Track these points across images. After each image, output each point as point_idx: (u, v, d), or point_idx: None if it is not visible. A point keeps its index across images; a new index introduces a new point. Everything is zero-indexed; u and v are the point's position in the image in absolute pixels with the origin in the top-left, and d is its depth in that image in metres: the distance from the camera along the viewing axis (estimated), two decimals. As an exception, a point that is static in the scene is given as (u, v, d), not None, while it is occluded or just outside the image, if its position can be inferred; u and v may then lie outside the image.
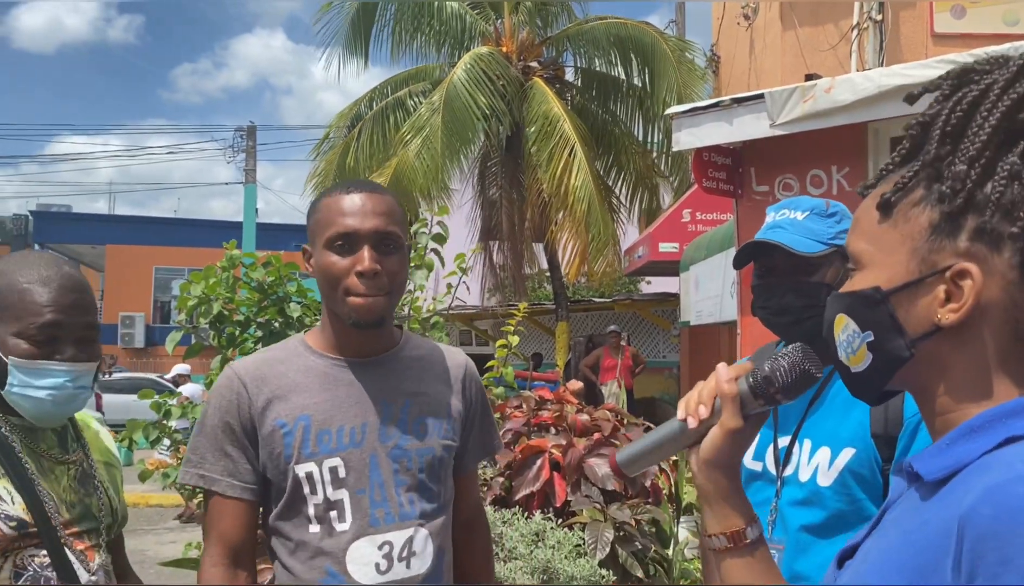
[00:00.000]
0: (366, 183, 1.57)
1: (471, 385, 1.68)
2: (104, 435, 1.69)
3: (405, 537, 1.49)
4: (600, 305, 14.19)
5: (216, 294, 3.62)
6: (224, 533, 1.50)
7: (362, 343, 1.56)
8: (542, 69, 11.29)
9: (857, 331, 0.82)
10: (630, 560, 2.90)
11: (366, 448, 1.50)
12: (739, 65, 10.95)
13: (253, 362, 1.57)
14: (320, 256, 1.50)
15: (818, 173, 5.71)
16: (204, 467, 1.51)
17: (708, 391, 0.94)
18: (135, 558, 6.73)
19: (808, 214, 1.70)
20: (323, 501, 1.47)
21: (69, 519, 1.47)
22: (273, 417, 1.49)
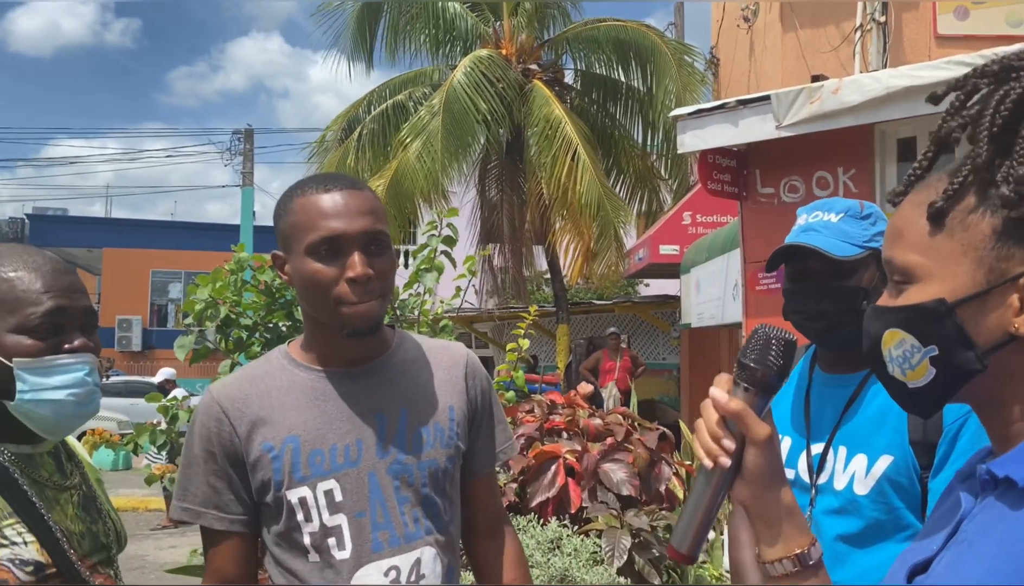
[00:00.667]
0: (343, 178, 1.42)
1: (474, 381, 1.53)
2: (80, 448, 1.52)
3: (412, 560, 1.37)
4: (600, 307, 14.16)
5: (223, 297, 3.58)
6: (217, 567, 1.41)
7: (352, 352, 1.42)
8: (542, 72, 11.26)
9: (917, 346, 0.79)
10: (647, 567, 2.86)
11: (363, 466, 1.37)
12: (739, 67, 10.93)
13: (233, 382, 1.43)
14: (300, 264, 1.35)
15: (824, 175, 5.70)
16: (188, 500, 1.40)
17: (714, 423, 0.89)
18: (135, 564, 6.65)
19: (842, 216, 1.66)
20: (319, 528, 1.35)
21: (83, 552, 1.31)
22: (259, 441, 1.36)
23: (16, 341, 1.24)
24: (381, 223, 1.39)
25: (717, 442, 0.88)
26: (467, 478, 1.53)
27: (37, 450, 1.32)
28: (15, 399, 1.24)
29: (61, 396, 1.25)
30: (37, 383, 1.24)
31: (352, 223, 1.34)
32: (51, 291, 1.27)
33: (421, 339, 1.55)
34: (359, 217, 1.35)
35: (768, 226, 5.76)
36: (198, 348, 3.66)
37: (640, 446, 3.29)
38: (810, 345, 1.81)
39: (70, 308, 1.29)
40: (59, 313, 1.27)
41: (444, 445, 1.44)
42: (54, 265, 1.31)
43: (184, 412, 3.48)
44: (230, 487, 1.38)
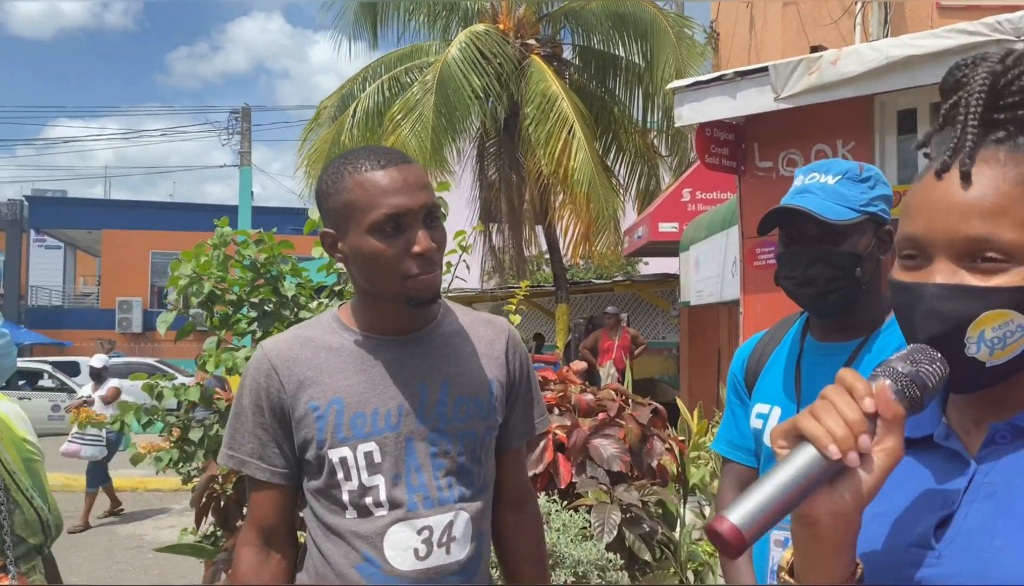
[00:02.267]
0: (393, 152, 1.43)
1: (515, 356, 1.56)
2: (16, 419, 1.45)
3: (445, 522, 1.42)
4: (600, 286, 14.11)
5: (208, 273, 3.51)
6: (257, 515, 1.47)
7: (404, 320, 1.46)
8: (540, 47, 11.13)
9: (1022, 325, 0.77)
10: (637, 543, 2.82)
11: (402, 431, 1.41)
12: (739, 41, 10.79)
13: (284, 341, 1.48)
14: (361, 242, 1.37)
15: (823, 147, 5.61)
16: (234, 448, 1.47)
17: (860, 414, 0.73)
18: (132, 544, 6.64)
19: (840, 178, 1.60)
20: (358, 487, 1.40)
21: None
22: (305, 400, 1.42)
23: None
24: (434, 195, 1.42)
25: (856, 436, 0.72)
26: (499, 450, 1.56)
27: None
28: None
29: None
30: None
31: (414, 198, 1.36)
32: None
33: (464, 311, 1.58)
34: (418, 192, 1.37)
35: (767, 200, 5.58)
36: (183, 326, 3.60)
37: (632, 421, 3.23)
38: (802, 312, 1.75)
39: None
40: None
41: (482, 417, 1.48)
42: None
43: (168, 390, 3.43)
44: (274, 440, 1.44)
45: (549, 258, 11.98)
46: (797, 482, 0.72)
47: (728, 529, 0.71)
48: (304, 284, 3.73)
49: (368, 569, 1.39)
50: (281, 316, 3.56)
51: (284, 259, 3.69)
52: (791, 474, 0.72)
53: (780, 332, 1.82)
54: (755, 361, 1.79)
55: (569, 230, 10.93)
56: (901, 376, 0.77)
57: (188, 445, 3.45)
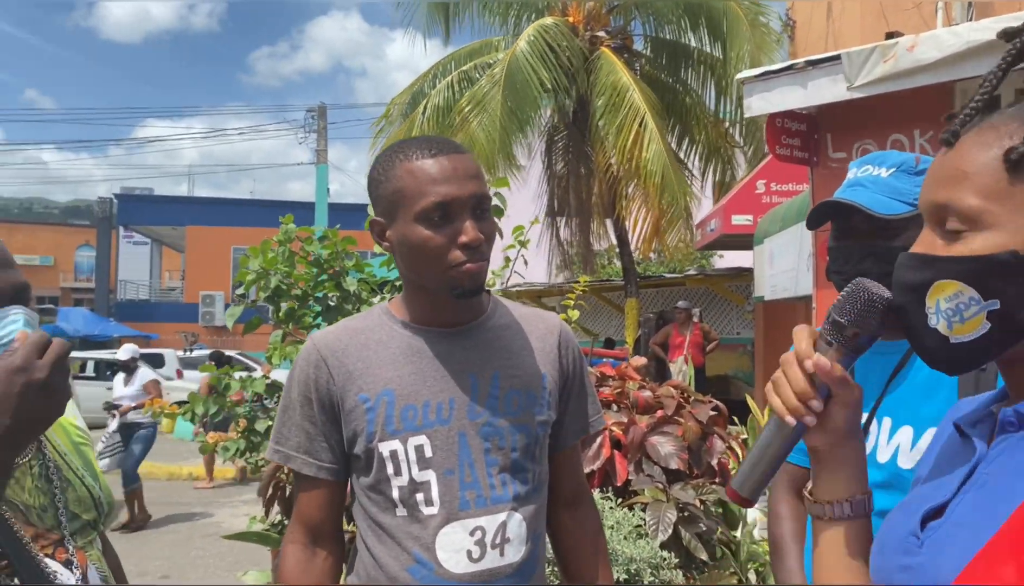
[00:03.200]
0: (444, 141, 1.42)
1: (567, 351, 1.53)
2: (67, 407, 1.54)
3: (498, 522, 1.38)
4: (671, 281, 13.92)
5: (274, 268, 3.60)
6: (303, 511, 1.45)
7: (451, 313, 1.44)
8: (610, 39, 11.02)
9: (976, 299, 0.75)
10: (694, 542, 2.77)
11: (454, 425, 1.38)
12: (816, 29, 10.48)
13: (334, 333, 1.47)
14: (408, 230, 1.35)
15: (900, 137, 5.41)
16: (281, 442, 1.45)
17: (802, 380, 0.86)
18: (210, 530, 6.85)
19: (894, 171, 1.53)
20: (408, 482, 1.37)
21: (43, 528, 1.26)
22: (355, 392, 1.39)
23: None
24: (485, 186, 1.40)
25: (805, 402, 0.86)
26: (553, 449, 1.53)
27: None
28: None
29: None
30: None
31: (463, 188, 1.34)
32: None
33: (514, 306, 1.55)
34: (468, 181, 1.35)
35: (841, 190, 5.50)
36: (250, 320, 3.71)
37: (691, 419, 3.18)
38: None
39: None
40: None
41: (536, 411, 1.44)
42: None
43: (235, 382, 3.53)
44: (323, 434, 1.42)
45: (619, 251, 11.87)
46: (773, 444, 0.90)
47: (731, 494, 0.93)
48: (367, 279, 3.79)
49: (420, 571, 1.36)
50: (344, 310, 3.63)
51: (348, 255, 3.76)
52: (766, 439, 0.90)
53: None
54: None
55: (639, 223, 10.81)
56: (836, 327, 0.87)
57: (254, 436, 3.55)
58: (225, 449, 3.57)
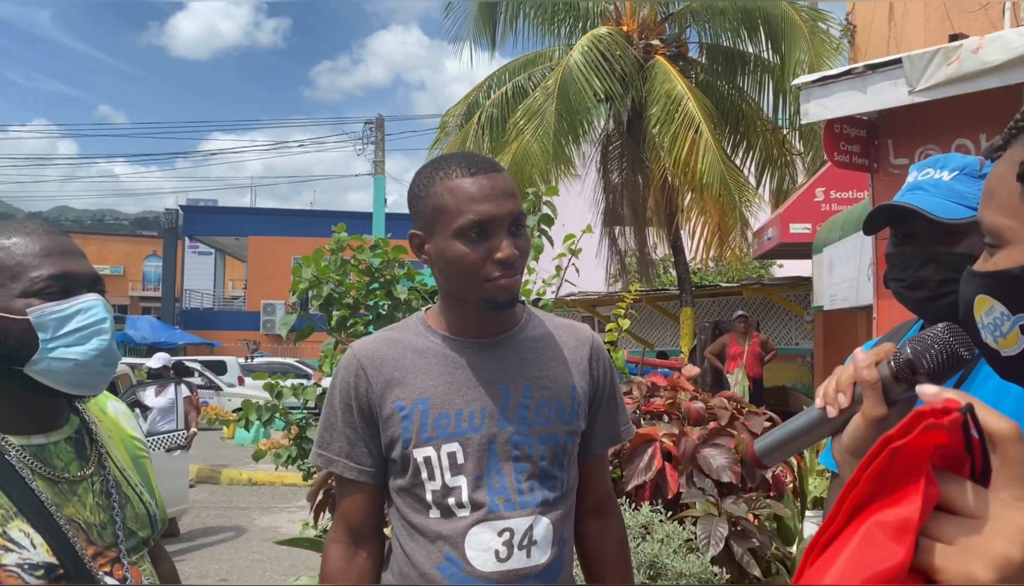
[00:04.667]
0: (483, 159, 1.48)
1: (598, 364, 1.58)
2: (124, 418, 1.50)
3: (526, 525, 1.43)
4: (727, 290, 13.71)
5: (327, 277, 3.65)
6: (345, 513, 1.52)
7: (487, 324, 1.50)
8: (664, 47, 10.94)
9: (1006, 313, 0.76)
10: (746, 557, 2.70)
11: (485, 433, 1.44)
12: (877, 33, 10.24)
13: (373, 343, 1.53)
14: (446, 245, 1.42)
15: (964, 142, 5.23)
16: (324, 447, 1.52)
17: (847, 377, 0.86)
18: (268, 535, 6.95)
19: (956, 174, 1.47)
20: (441, 487, 1.44)
21: (103, 546, 1.27)
22: (392, 400, 1.46)
23: (26, 304, 1.22)
24: (520, 204, 1.46)
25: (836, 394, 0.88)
26: (582, 457, 1.58)
27: (51, 439, 1.29)
28: (38, 351, 1.21)
29: (84, 340, 1.23)
30: (59, 327, 1.22)
31: (500, 206, 1.40)
32: (52, 254, 1.25)
33: (548, 318, 1.61)
34: (505, 200, 1.41)
35: (902, 195, 5.35)
36: (303, 328, 3.76)
37: (745, 431, 3.11)
38: (918, 320, 1.64)
39: (76, 272, 1.26)
40: (66, 277, 1.25)
41: (564, 422, 1.49)
42: (47, 229, 1.30)
43: (287, 390, 3.58)
44: (363, 439, 1.49)
45: (674, 260, 11.75)
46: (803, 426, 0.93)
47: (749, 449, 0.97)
48: (417, 288, 3.81)
49: (450, 569, 1.42)
50: (394, 318, 3.65)
51: (400, 263, 3.79)
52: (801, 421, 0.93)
53: (895, 338, 1.71)
54: None
55: (696, 232, 10.68)
56: (898, 353, 0.86)
57: (306, 443, 3.59)
58: (278, 456, 3.62)
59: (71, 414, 1.35)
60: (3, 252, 1.24)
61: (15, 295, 1.22)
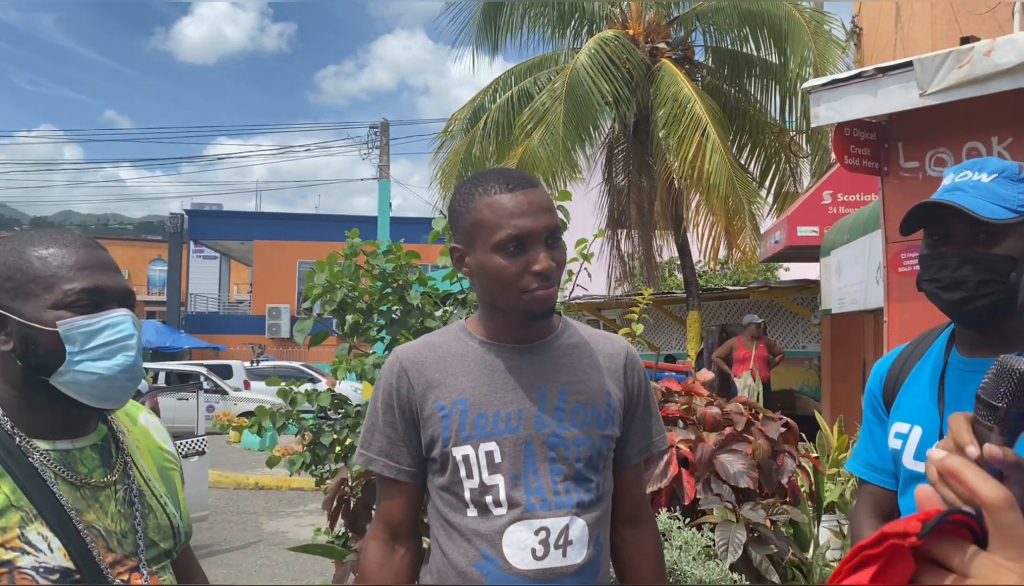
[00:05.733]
0: (521, 175, 1.54)
1: (633, 373, 1.63)
2: (155, 429, 1.50)
3: (562, 525, 1.47)
4: (734, 293, 13.68)
5: (340, 282, 3.64)
6: (385, 511, 1.57)
7: (525, 331, 1.55)
8: (670, 50, 10.93)
9: None
10: (765, 564, 2.69)
11: (521, 434, 1.49)
12: (884, 36, 10.23)
13: (415, 346, 1.59)
14: (486, 258, 1.48)
15: (976, 145, 5.22)
16: (366, 447, 1.57)
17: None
18: (276, 540, 6.95)
19: (996, 176, 1.47)
20: (479, 485, 1.48)
21: (122, 555, 1.27)
22: (433, 400, 1.51)
23: (57, 316, 1.23)
24: (556, 217, 1.52)
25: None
26: (617, 466, 1.62)
27: (77, 445, 1.30)
28: (64, 363, 1.22)
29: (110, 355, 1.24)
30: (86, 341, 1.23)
31: (537, 221, 1.46)
32: (86, 268, 1.26)
33: (584, 328, 1.66)
34: (542, 215, 1.47)
35: (912, 202, 5.29)
36: (316, 333, 3.75)
37: (761, 436, 3.10)
38: (947, 325, 1.63)
39: (108, 287, 1.27)
40: (97, 292, 1.26)
41: (600, 426, 1.53)
42: (84, 242, 1.30)
43: (301, 396, 3.57)
44: (403, 439, 1.54)
45: (680, 264, 11.73)
46: None
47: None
48: (430, 293, 3.80)
49: (487, 566, 1.45)
50: (407, 323, 3.65)
51: (412, 268, 3.78)
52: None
53: (922, 346, 1.69)
54: (894, 376, 1.68)
55: (704, 235, 10.66)
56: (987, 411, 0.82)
57: (320, 449, 3.58)
58: (292, 462, 3.61)
59: (99, 422, 1.36)
60: (39, 262, 1.25)
61: (47, 306, 1.23)
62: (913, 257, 5.46)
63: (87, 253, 1.28)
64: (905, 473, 1.58)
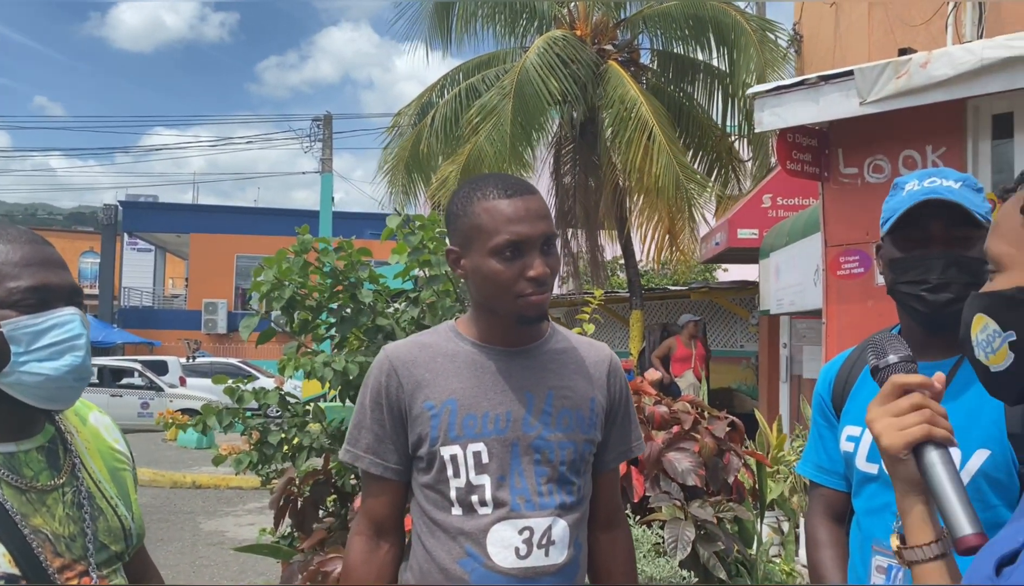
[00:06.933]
0: (518, 182, 1.57)
1: (615, 380, 1.67)
2: (106, 429, 1.46)
3: (545, 525, 1.50)
4: (676, 293, 13.91)
5: (289, 279, 3.60)
6: (369, 507, 1.59)
7: (516, 335, 1.58)
8: (617, 52, 11.04)
9: (998, 331, 0.84)
10: (712, 560, 2.75)
11: (508, 436, 1.51)
12: (823, 44, 10.49)
13: (405, 345, 1.61)
14: (482, 262, 1.50)
15: (911, 154, 5.40)
16: (352, 444, 1.58)
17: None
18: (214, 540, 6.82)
19: (962, 185, 1.51)
20: (465, 484, 1.50)
21: (71, 559, 1.24)
22: (422, 399, 1.53)
23: (1, 315, 1.19)
24: (552, 225, 1.55)
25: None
26: (595, 470, 1.65)
27: (22, 447, 1.26)
28: (9, 364, 1.18)
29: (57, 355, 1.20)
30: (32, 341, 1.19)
31: (534, 228, 1.49)
32: (31, 265, 1.22)
33: (570, 335, 1.70)
34: (539, 221, 1.50)
35: (851, 208, 5.50)
36: (264, 330, 3.69)
37: (707, 435, 3.16)
38: (892, 328, 1.67)
39: (55, 285, 1.23)
40: (44, 290, 1.22)
41: (584, 431, 1.57)
42: (30, 237, 1.25)
43: (248, 394, 3.51)
44: (390, 438, 1.55)
45: (624, 263, 11.86)
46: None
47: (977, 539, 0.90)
48: (381, 291, 3.78)
49: (471, 564, 1.48)
50: (358, 322, 3.62)
51: (363, 266, 3.76)
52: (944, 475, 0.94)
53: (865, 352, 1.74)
54: (843, 381, 1.72)
55: (648, 235, 10.80)
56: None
57: (267, 448, 3.53)
58: (238, 461, 3.55)
59: (46, 423, 1.32)
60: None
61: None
62: (851, 261, 5.62)
63: (32, 249, 1.24)
64: (858, 475, 1.62)
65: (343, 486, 3.42)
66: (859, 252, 5.49)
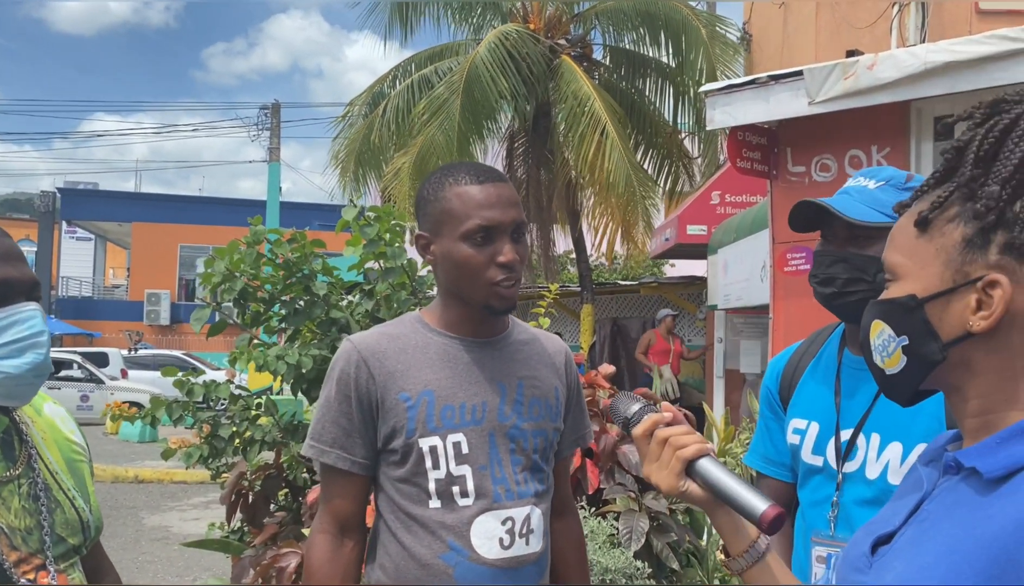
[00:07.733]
0: (490, 169, 1.58)
1: (570, 370, 1.70)
2: (62, 420, 1.43)
3: (524, 514, 1.51)
4: (626, 288, 14.03)
5: (240, 270, 3.54)
6: (334, 504, 1.54)
7: (484, 324, 1.58)
8: (570, 47, 11.07)
9: (892, 336, 0.89)
10: (665, 551, 2.80)
11: (485, 426, 1.51)
12: (772, 43, 10.69)
13: (372, 336, 1.58)
14: (452, 247, 1.50)
15: (857, 153, 5.54)
16: (317, 438, 1.54)
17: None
18: (158, 535, 6.68)
19: (883, 184, 1.59)
20: (445, 476, 1.48)
21: (27, 552, 1.22)
22: (396, 391, 1.50)
23: None
24: (522, 213, 1.55)
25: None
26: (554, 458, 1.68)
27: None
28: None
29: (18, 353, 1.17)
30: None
31: (505, 214, 1.50)
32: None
33: (527, 326, 1.72)
34: (510, 208, 1.51)
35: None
36: (215, 322, 3.63)
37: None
38: (839, 324, 1.73)
39: (14, 279, 1.19)
40: (3, 284, 1.18)
41: (552, 419, 1.60)
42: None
43: (199, 387, 3.45)
44: (358, 430, 1.52)
45: (575, 258, 11.93)
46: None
47: (773, 510, 0.99)
48: (335, 283, 3.74)
49: (454, 558, 1.46)
50: (312, 314, 3.58)
51: (316, 257, 3.72)
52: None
53: (815, 345, 1.79)
54: (790, 375, 1.77)
55: (599, 230, 10.87)
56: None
57: (218, 442, 3.48)
58: (189, 455, 3.49)
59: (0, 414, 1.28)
60: None
61: None
62: (798, 257, 5.74)
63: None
64: (804, 467, 1.67)
65: (295, 480, 3.38)
66: (805, 249, 5.61)
